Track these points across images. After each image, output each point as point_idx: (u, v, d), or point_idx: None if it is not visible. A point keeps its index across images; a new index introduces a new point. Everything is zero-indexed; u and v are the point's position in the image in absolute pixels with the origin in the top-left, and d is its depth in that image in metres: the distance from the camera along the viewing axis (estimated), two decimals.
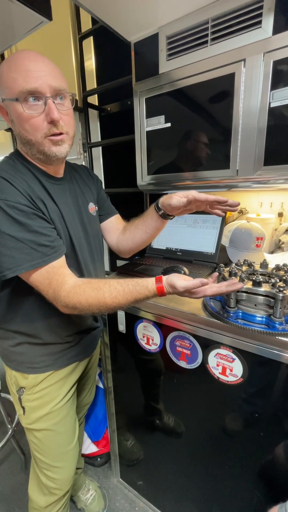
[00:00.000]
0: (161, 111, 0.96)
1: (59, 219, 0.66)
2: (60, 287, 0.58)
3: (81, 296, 0.58)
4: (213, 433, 0.78)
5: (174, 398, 0.87)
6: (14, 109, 0.57)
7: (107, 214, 0.87)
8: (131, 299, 0.58)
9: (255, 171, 0.82)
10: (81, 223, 0.73)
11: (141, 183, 1.11)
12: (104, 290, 0.58)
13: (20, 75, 0.54)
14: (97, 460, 1.25)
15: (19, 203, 0.56)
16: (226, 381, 0.68)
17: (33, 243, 0.56)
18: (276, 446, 0.66)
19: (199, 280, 0.55)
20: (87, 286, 0.59)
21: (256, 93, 0.77)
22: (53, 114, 0.56)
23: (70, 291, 0.58)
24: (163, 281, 0.58)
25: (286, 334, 0.56)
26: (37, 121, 0.57)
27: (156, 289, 0.58)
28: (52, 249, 0.59)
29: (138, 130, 1.04)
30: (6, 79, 0.56)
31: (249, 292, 0.62)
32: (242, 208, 1.26)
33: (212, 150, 0.89)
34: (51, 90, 0.56)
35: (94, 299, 0.58)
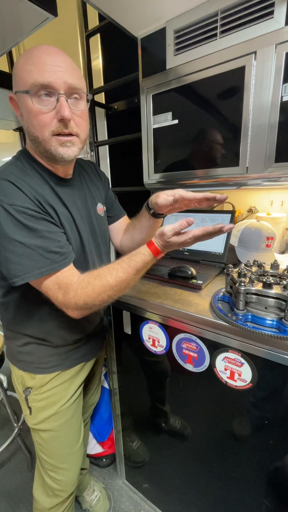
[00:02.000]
0: (168, 108, 0.94)
1: (70, 222, 0.64)
2: (69, 289, 0.57)
3: (87, 289, 0.57)
4: (221, 438, 0.76)
5: (180, 401, 0.85)
6: (24, 102, 0.54)
7: (116, 216, 0.86)
8: (132, 270, 0.58)
9: (265, 168, 0.79)
10: (90, 224, 0.72)
11: (147, 182, 1.09)
12: (105, 274, 0.58)
13: (35, 67, 0.52)
14: (102, 461, 1.24)
15: (27, 208, 0.54)
16: (235, 386, 0.66)
17: (42, 249, 0.54)
18: (286, 453, 0.64)
19: (185, 219, 0.55)
20: (90, 277, 0.58)
21: (267, 87, 0.74)
22: (64, 112, 0.53)
23: (77, 288, 0.57)
24: (153, 239, 0.59)
25: None
26: (46, 117, 0.54)
27: (150, 250, 0.58)
28: (62, 256, 0.57)
29: (145, 127, 1.02)
30: (21, 71, 0.53)
31: (259, 294, 0.59)
32: (252, 207, 1.23)
33: (221, 147, 0.86)
34: (66, 87, 0.54)
35: (99, 286, 0.57)
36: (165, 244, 0.58)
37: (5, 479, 1.24)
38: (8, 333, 0.72)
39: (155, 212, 0.72)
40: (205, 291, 0.81)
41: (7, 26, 0.81)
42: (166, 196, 0.66)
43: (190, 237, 0.57)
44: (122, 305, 0.86)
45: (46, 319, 0.66)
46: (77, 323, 0.69)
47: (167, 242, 0.57)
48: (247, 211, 1.26)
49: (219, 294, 0.75)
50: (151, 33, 0.91)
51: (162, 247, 0.58)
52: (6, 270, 0.55)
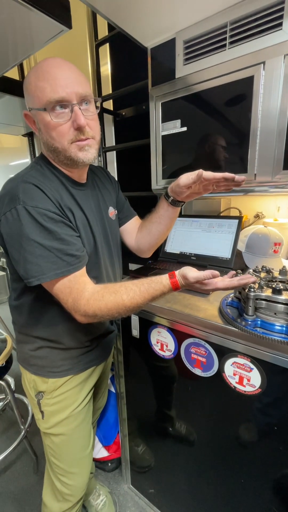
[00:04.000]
0: (177, 115, 0.96)
1: (85, 226, 0.66)
2: (80, 295, 0.58)
3: (101, 302, 0.58)
4: (228, 444, 0.76)
5: (187, 406, 0.85)
6: (42, 118, 0.57)
7: (127, 216, 0.88)
8: (148, 297, 0.59)
9: (273, 175, 0.80)
10: (103, 228, 0.74)
11: (155, 187, 1.11)
12: (121, 293, 0.58)
13: (47, 83, 0.55)
14: (108, 465, 1.24)
15: (49, 210, 0.56)
16: (243, 391, 0.66)
17: (59, 251, 0.56)
18: None
19: (210, 272, 0.56)
20: (105, 291, 0.59)
21: (276, 96, 0.75)
22: (80, 120, 0.56)
23: (89, 298, 0.58)
24: (177, 275, 0.60)
25: None
26: (63, 128, 0.57)
27: (171, 283, 0.59)
28: (77, 259, 0.59)
29: (153, 134, 1.04)
30: (35, 89, 0.56)
31: (269, 300, 0.60)
32: (259, 213, 1.24)
33: (229, 153, 0.88)
34: (78, 97, 0.57)
35: (113, 303, 0.58)
36: (186, 284, 0.59)
37: (11, 481, 1.24)
38: (21, 337, 0.74)
39: (174, 199, 0.73)
40: (213, 296, 0.82)
41: (19, 39, 0.84)
42: (188, 175, 0.68)
43: (212, 289, 0.59)
44: None
45: (59, 320, 0.68)
46: (88, 324, 0.70)
47: (189, 285, 0.59)
48: (254, 217, 1.26)
49: (228, 299, 0.75)
50: (160, 44, 0.94)
51: (183, 284, 0.59)
52: (23, 270, 0.57)
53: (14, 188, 0.56)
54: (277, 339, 0.57)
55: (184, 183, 0.68)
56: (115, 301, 0.58)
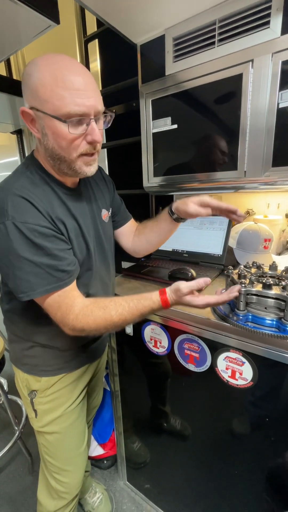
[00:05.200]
0: (167, 113, 0.96)
1: (78, 235, 0.65)
2: (69, 310, 0.58)
3: (89, 317, 0.58)
4: (222, 437, 0.77)
5: (181, 401, 0.86)
6: (53, 125, 0.54)
7: (124, 219, 0.87)
8: (137, 313, 0.59)
9: (263, 172, 0.81)
10: (96, 232, 0.72)
11: (147, 185, 1.11)
12: (110, 308, 0.59)
13: (67, 92, 0.51)
14: (103, 463, 1.25)
15: (39, 225, 0.54)
16: (236, 384, 0.68)
17: (50, 267, 0.55)
18: (287, 450, 0.65)
19: (203, 280, 0.57)
20: (94, 306, 0.59)
21: (264, 94, 0.76)
22: (96, 136, 0.55)
23: (79, 313, 0.58)
24: (167, 292, 0.60)
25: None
26: (77, 140, 0.55)
27: (161, 300, 0.59)
28: (68, 274, 0.58)
29: (144, 131, 1.04)
30: (50, 94, 0.51)
31: (259, 295, 0.61)
32: (249, 209, 1.25)
33: (219, 151, 0.88)
34: (96, 112, 0.55)
35: (101, 318, 0.58)
36: (178, 299, 0.59)
37: (6, 483, 1.23)
38: (13, 337, 0.73)
39: (178, 217, 0.75)
40: (205, 292, 0.83)
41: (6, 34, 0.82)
42: (197, 208, 0.69)
43: (204, 304, 0.59)
44: None
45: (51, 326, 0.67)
46: None
47: (181, 299, 0.59)
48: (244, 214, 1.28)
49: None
50: (150, 40, 0.93)
51: (173, 300, 0.59)
52: (13, 286, 0.56)
53: (3, 201, 0.54)
54: (267, 333, 0.58)
55: (191, 213, 0.70)
56: (103, 317, 0.58)
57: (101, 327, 0.58)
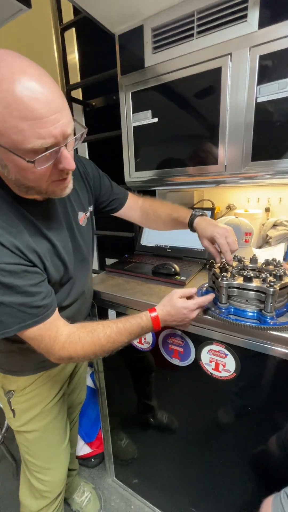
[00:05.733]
0: (147, 106, 0.95)
1: (52, 256, 0.59)
2: (54, 341, 0.55)
3: (77, 344, 0.56)
4: (207, 428, 0.79)
5: (167, 395, 0.86)
6: (15, 160, 0.44)
7: (122, 201, 0.84)
8: (125, 333, 0.58)
9: (243, 166, 0.82)
10: (74, 242, 0.67)
11: (128, 180, 1.09)
12: (98, 331, 0.57)
13: (28, 125, 0.40)
14: (91, 461, 1.24)
15: (7, 263, 0.49)
16: (219, 376, 0.69)
17: (22, 305, 0.51)
18: (269, 438, 0.67)
19: (194, 289, 0.63)
20: (81, 331, 0.57)
21: (243, 88, 0.77)
22: (68, 165, 0.46)
23: (65, 342, 0.56)
24: (157, 306, 0.62)
25: (277, 328, 0.57)
26: (45, 172, 0.46)
27: (149, 312, 0.61)
28: (44, 308, 0.54)
29: (124, 125, 1.02)
30: (3, 125, 0.40)
31: (241, 287, 0.62)
32: (230, 204, 1.27)
33: (200, 146, 0.88)
34: (66, 137, 0.45)
35: (89, 344, 0.56)
36: (170, 309, 0.60)
37: None
38: None
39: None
40: (188, 287, 0.83)
41: None
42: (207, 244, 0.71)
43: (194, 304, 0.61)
44: (107, 304, 0.86)
45: None
46: None
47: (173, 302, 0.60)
48: (226, 208, 1.30)
49: (202, 289, 0.77)
50: (128, 30, 0.91)
51: (164, 312, 0.61)
52: None
53: None
54: (249, 325, 0.59)
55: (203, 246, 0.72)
56: (91, 342, 0.56)
57: (89, 352, 0.57)
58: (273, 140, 0.75)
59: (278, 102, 0.72)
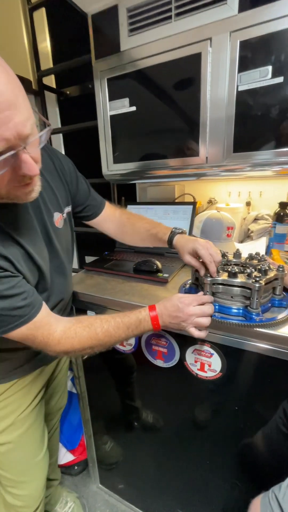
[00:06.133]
0: (125, 94, 0.89)
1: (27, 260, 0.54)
2: (48, 338, 0.53)
3: (74, 339, 0.54)
4: (193, 428, 0.76)
5: (151, 397, 0.83)
6: None
7: (97, 209, 0.78)
8: (123, 327, 0.56)
9: (224, 158, 0.79)
10: (49, 246, 0.62)
11: (106, 173, 1.03)
12: (95, 326, 0.55)
13: None
14: (74, 469, 1.18)
15: None
16: (205, 376, 0.66)
17: (5, 309, 0.48)
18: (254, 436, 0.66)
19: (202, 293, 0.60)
20: (78, 327, 0.55)
21: (223, 76, 0.73)
22: (31, 171, 0.40)
23: (61, 338, 0.54)
24: (157, 307, 0.58)
25: (263, 325, 0.55)
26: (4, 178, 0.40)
27: (148, 308, 0.57)
28: (28, 308, 0.51)
29: (100, 114, 0.96)
30: None
31: (225, 284, 0.59)
32: (212, 198, 1.25)
33: (181, 136, 0.85)
34: (24, 138, 0.38)
35: (87, 338, 0.54)
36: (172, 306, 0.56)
37: None
38: None
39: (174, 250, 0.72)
40: (171, 284, 0.80)
41: None
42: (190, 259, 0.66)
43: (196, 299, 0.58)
44: (86, 305, 0.80)
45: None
46: None
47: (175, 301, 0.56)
48: (207, 202, 1.28)
49: (186, 286, 0.74)
50: (102, 10, 0.85)
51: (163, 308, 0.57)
52: None
53: None
54: (234, 323, 0.56)
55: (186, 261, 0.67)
56: (88, 336, 0.54)
57: (86, 346, 0.55)
58: (255, 130, 0.73)
59: (259, 91, 0.70)
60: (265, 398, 0.61)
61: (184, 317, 0.55)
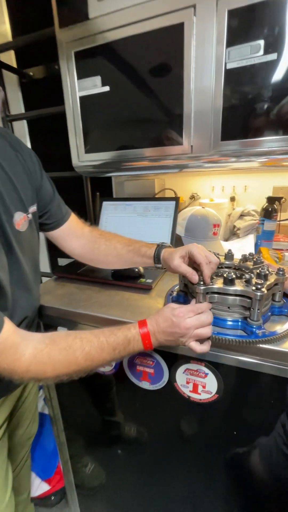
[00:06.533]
0: (96, 71, 0.77)
1: None
2: (14, 365, 0.43)
3: (47, 366, 0.44)
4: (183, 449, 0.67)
5: (135, 419, 0.73)
6: None
7: (61, 219, 0.65)
8: (108, 348, 0.46)
9: (211, 147, 0.70)
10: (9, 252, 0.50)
11: (78, 164, 0.90)
12: (74, 348, 0.45)
13: None
14: (50, 500, 1.05)
15: None
16: (199, 399, 0.57)
17: None
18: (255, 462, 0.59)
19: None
20: (53, 349, 0.44)
21: (210, 51, 0.64)
22: None
23: (30, 364, 0.43)
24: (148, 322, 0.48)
25: (267, 340, 0.47)
26: None
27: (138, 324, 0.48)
28: None
29: (68, 94, 0.82)
30: None
31: (222, 292, 0.50)
32: (194, 193, 1.17)
33: (161, 122, 0.74)
34: None
35: (63, 364, 0.44)
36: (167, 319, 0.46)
37: None
38: None
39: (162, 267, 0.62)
40: (156, 291, 0.70)
41: None
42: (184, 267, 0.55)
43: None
44: (56, 321, 0.68)
45: None
46: None
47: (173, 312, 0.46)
48: (189, 198, 1.19)
49: (173, 293, 0.64)
50: None
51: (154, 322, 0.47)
52: None
53: None
54: (233, 339, 0.48)
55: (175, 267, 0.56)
56: (66, 361, 0.44)
57: (62, 374, 0.45)
58: (246, 116, 0.65)
59: (250, 70, 0.61)
60: (269, 420, 0.53)
61: (182, 332, 0.45)
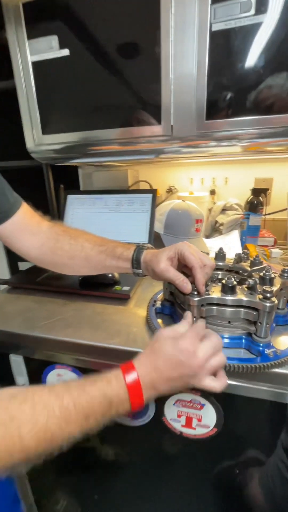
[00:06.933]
0: (52, 29, 0.61)
1: None
2: None
3: None
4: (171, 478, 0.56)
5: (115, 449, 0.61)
6: None
7: (8, 210, 0.48)
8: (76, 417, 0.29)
9: (196, 126, 0.59)
10: None
11: (33, 148, 0.74)
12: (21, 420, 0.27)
13: None
14: None
15: None
16: (193, 435, 0.46)
17: None
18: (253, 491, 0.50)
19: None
20: None
21: (192, 8, 0.53)
22: None
23: None
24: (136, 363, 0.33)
25: (280, 363, 0.37)
26: None
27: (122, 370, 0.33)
28: None
29: (17, 59, 0.66)
30: None
31: (221, 304, 0.40)
32: (171, 186, 1.07)
33: (135, 95, 0.62)
34: None
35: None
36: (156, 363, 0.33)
37: None
38: None
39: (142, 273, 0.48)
40: (134, 300, 0.58)
41: None
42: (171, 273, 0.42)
43: None
44: (8, 347, 0.52)
45: None
46: None
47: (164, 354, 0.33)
48: (166, 192, 1.09)
49: (156, 304, 0.52)
50: None
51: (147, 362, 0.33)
52: None
53: None
54: (238, 365, 0.37)
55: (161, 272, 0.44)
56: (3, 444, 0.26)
57: None
58: (236, 90, 0.55)
59: (240, 33, 0.51)
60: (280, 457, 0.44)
61: (196, 370, 0.33)
